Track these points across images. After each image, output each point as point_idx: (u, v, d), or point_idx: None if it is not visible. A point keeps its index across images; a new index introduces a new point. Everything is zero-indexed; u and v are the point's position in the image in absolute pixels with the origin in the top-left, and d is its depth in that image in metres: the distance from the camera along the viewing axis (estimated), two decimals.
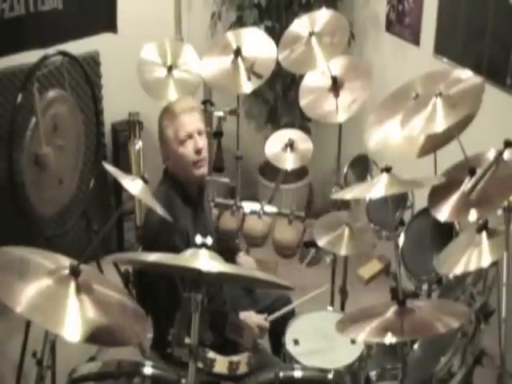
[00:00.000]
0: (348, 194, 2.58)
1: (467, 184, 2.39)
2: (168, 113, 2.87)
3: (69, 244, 4.01)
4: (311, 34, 3.20)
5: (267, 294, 3.10)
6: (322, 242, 3.03)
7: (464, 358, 2.58)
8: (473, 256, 2.29)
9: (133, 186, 2.29)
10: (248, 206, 3.45)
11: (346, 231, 3.01)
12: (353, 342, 2.75)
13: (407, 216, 3.21)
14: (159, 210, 2.39)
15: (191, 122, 2.83)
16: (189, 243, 2.51)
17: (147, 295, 2.87)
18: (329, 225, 3.09)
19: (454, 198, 2.43)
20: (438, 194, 2.50)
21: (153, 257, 2.10)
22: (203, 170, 2.85)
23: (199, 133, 2.84)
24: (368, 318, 2.13)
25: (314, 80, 3.32)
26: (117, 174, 2.35)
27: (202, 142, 2.83)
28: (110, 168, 2.42)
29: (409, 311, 2.13)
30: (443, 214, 2.43)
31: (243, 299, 3.03)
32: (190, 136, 2.81)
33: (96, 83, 3.97)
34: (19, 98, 3.29)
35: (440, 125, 2.46)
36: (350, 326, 2.18)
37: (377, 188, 2.34)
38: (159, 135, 2.92)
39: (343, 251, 3.02)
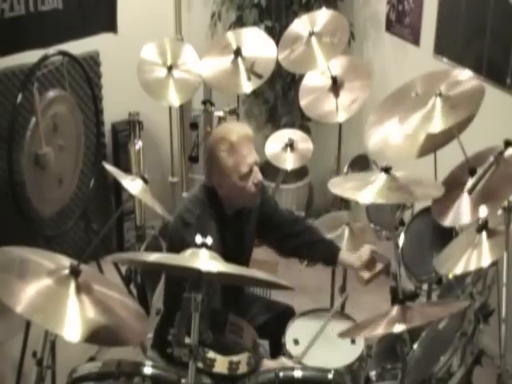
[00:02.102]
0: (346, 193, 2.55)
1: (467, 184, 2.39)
2: (225, 143, 2.66)
3: (69, 244, 4.02)
4: (311, 33, 3.20)
5: (269, 307, 3.10)
6: None
7: (463, 358, 2.57)
8: (473, 256, 2.30)
9: (133, 185, 2.29)
10: None
11: (346, 231, 3.01)
12: (353, 341, 2.75)
13: (407, 216, 3.21)
14: (159, 210, 2.40)
15: (250, 153, 2.69)
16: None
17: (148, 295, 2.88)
18: (329, 225, 3.09)
19: (457, 203, 2.43)
20: (441, 201, 2.50)
21: (153, 257, 2.10)
22: (258, 199, 2.79)
23: (256, 163, 2.72)
24: (373, 324, 2.13)
25: (314, 80, 3.32)
26: (117, 173, 2.35)
27: (259, 173, 2.72)
28: (109, 168, 2.42)
29: (409, 308, 2.14)
30: (448, 219, 2.43)
31: (246, 308, 3.03)
32: (251, 170, 2.69)
33: (96, 83, 3.97)
34: (19, 98, 3.29)
35: (437, 125, 2.46)
36: (355, 334, 2.19)
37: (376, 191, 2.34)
38: (212, 162, 2.70)
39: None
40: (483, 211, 2.31)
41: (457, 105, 2.48)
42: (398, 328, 2.05)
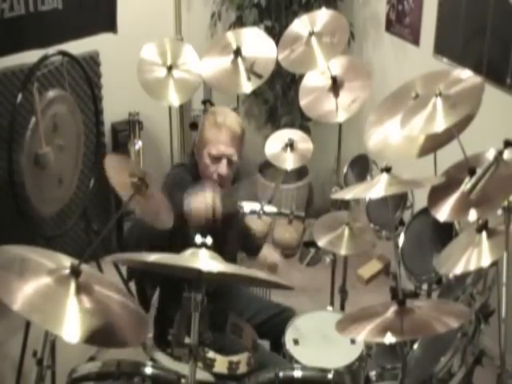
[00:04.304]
0: (348, 194, 2.58)
1: (467, 184, 2.39)
2: (213, 117, 2.86)
3: (69, 244, 4.02)
4: (311, 33, 3.20)
5: (269, 307, 3.10)
6: (322, 242, 3.03)
7: (464, 358, 2.58)
8: (473, 256, 2.29)
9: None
10: (248, 206, 3.45)
11: (346, 231, 3.01)
12: (353, 341, 2.75)
13: (407, 216, 3.21)
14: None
15: (227, 143, 2.81)
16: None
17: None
18: (329, 225, 3.09)
19: (453, 198, 2.43)
20: (438, 194, 2.50)
21: (152, 257, 2.10)
22: (217, 188, 2.82)
23: (231, 159, 2.82)
24: (368, 318, 2.13)
25: (314, 80, 3.32)
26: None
27: (226, 171, 2.82)
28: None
29: (409, 311, 2.13)
30: (443, 213, 2.43)
31: (246, 308, 3.03)
32: (219, 159, 2.80)
33: (96, 83, 3.98)
34: (19, 97, 3.29)
35: (440, 125, 2.46)
36: (350, 326, 2.18)
37: (377, 188, 2.35)
38: (200, 126, 2.93)
39: (343, 251, 3.02)
40: (473, 215, 2.32)
41: (457, 103, 2.47)
42: (390, 339, 2.04)
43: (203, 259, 2.02)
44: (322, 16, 3.29)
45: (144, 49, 3.59)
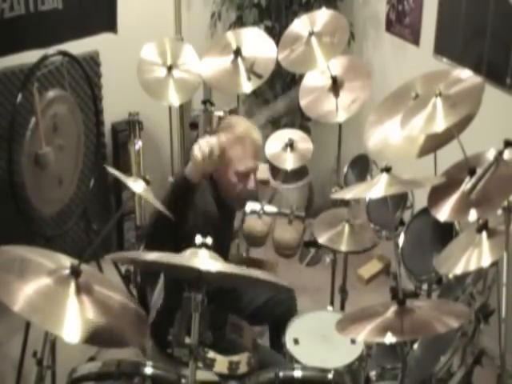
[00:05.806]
0: (348, 194, 2.58)
1: (467, 184, 2.39)
2: (234, 136, 2.67)
3: (69, 244, 4.02)
4: (311, 33, 3.20)
5: (273, 305, 3.10)
6: (322, 239, 3.04)
7: (464, 358, 2.58)
8: (473, 256, 2.29)
9: (135, 188, 2.28)
10: (248, 206, 3.45)
11: (346, 228, 3.02)
12: (353, 341, 2.75)
13: (407, 216, 3.21)
14: (163, 209, 2.40)
15: (252, 157, 2.69)
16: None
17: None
18: (329, 222, 3.09)
19: (453, 198, 2.43)
20: (438, 194, 2.50)
21: (152, 256, 2.10)
22: (244, 206, 2.81)
23: (255, 172, 2.72)
24: (368, 318, 2.13)
25: (314, 80, 3.32)
26: (121, 176, 2.35)
27: (253, 183, 2.72)
28: (113, 171, 2.42)
29: (409, 311, 2.13)
30: (443, 213, 2.43)
31: (245, 308, 3.03)
32: (247, 174, 2.68)
33: (96, 83, 3.97)
34: (19, 98, 3.29)
35: (440, 125, 2.46)
36: (349, 326, 2.18)
37: (377, 188, 2.35)
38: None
39: (343, 248, 3.02)
40: (473, 215, 2.32)
41: (457, 103, 2.48)
42: (390, 338, 2.03)
43: (203, 259, 2.02)
44: (322, 16, 3.30)
45: (144, 49, 3.59)
